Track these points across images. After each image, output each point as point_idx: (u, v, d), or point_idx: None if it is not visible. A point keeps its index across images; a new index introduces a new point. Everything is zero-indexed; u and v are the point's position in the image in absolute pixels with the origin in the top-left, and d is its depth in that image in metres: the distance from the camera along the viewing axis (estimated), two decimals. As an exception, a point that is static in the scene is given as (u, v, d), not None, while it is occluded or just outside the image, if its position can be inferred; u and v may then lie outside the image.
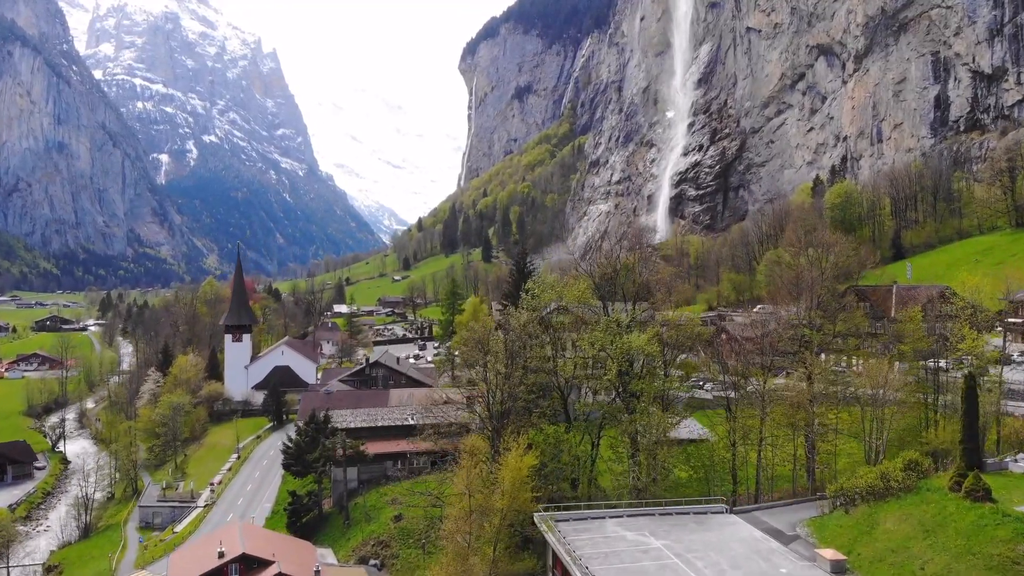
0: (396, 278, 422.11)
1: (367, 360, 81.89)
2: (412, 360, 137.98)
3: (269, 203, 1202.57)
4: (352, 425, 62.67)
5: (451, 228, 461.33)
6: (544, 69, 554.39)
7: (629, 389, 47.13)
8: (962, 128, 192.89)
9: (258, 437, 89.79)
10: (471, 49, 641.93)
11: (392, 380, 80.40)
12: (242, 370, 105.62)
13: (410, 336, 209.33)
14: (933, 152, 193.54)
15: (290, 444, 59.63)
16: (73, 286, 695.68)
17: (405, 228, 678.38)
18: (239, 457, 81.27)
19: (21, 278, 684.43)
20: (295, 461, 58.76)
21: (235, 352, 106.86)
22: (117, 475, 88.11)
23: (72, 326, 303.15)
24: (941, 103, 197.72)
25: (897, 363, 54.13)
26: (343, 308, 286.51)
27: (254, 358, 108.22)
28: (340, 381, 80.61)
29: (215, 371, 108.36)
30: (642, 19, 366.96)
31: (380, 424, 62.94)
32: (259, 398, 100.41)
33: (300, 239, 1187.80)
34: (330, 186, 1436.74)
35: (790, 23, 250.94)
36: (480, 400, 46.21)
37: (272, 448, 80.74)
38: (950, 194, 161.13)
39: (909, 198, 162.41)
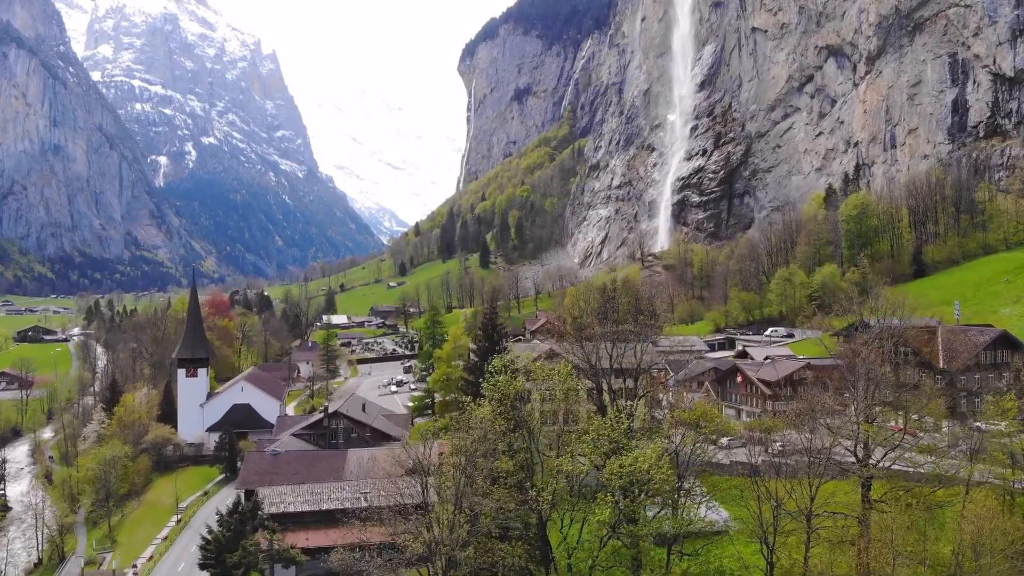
0: (391, 284, 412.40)
1: (325, 409, 70.73)
2: (394, 388, 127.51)
3: (268, 205, 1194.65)
4: (291, 509, 52.25)
5: (448, 233, 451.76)
6: (544, 70, 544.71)
7: (632, 531, 36.17)
8: (981, 134, 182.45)
9: (205, 493, 78.19)
10: (470, 50, 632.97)
11: (356, 433, 69.47)
12: (197, 409, 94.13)
13: (399, 352, 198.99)
14: (951, 159, 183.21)
15: (208, 538, 49.29)
16: (68, 290, 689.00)
17: (403, 232, 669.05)
18: (180, 521, 70.53)
19: (15, 282, 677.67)
20: (214, 562, 48.32)
21: (189, 389, 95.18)
22: (47, 532, 77.58)
23: (54, 337, 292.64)
24: (959, 107, 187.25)
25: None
26: (333, 319, 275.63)
27: (212, 394, 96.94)
28: (294, 435, 69.66)
29: (170, 408, 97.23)
30: (643, 20, 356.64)
31: (325, 507, 52.48)
32: (215, 442, 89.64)
33: (299, 241, 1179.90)
34: (330, 188, 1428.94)
35: (798, 23, 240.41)
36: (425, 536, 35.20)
37: (220, 508, 70.23)
38: (973, 205, 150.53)
39: (929, 209, 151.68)
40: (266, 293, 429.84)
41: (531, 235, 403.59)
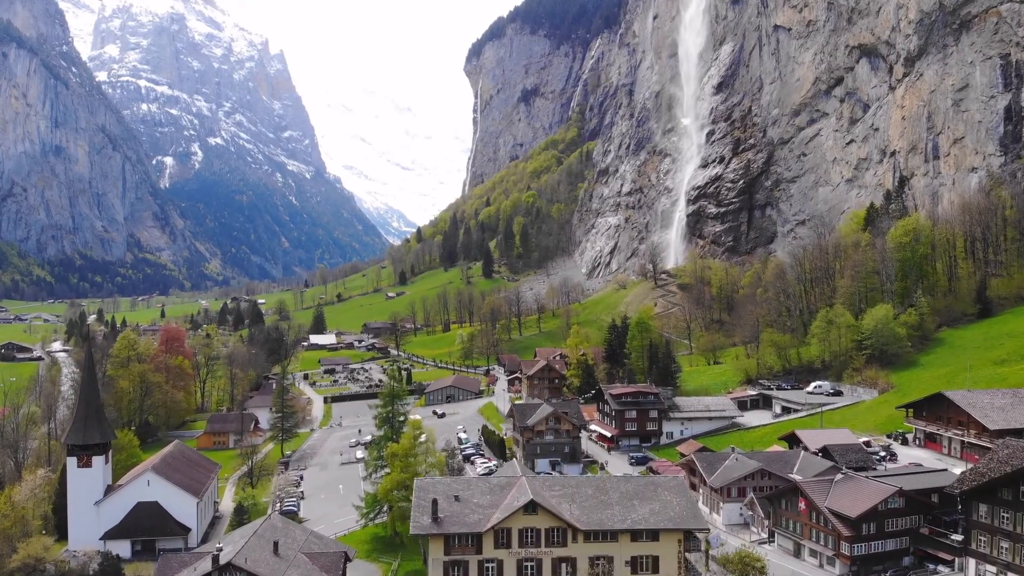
0: (390, 295, 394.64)
1: (215, 560, 50.36)
2: (359, 454, 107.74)
3: (274, 206, 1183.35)
4: None
5: (451, 240, 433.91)
6: (551, 71, 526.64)
7: None
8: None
9: (76, 645, 59.39)
10: (476, 50, 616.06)
11: (261, 586, 50.32)
12: (90, 508, 73.02)
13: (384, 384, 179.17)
14: (1003, 173, 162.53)
15: None
16: (67, 294, 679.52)
17: (404, 239, 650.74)
18: None
19: (12, 286, 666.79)
20: None
21: (82, 482, 72.90)
22: None
23: (28, 355, 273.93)
24: (1012, 115, 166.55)
25: None
26: (320, 339, 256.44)
27: (112, 487, 75.80)
28: (173, 594, 50.90)
29: (65, 501, 76.38)
30: (655, 18, 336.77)
31: None
32: (117, 549, 68.60)
33: (305, 243, 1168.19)
34: (337, 189, 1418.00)
35: (826, 20, 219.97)
36: None
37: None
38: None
39: (989, 235, 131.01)
40: (260, 301, 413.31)
41: (536, 243, 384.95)
